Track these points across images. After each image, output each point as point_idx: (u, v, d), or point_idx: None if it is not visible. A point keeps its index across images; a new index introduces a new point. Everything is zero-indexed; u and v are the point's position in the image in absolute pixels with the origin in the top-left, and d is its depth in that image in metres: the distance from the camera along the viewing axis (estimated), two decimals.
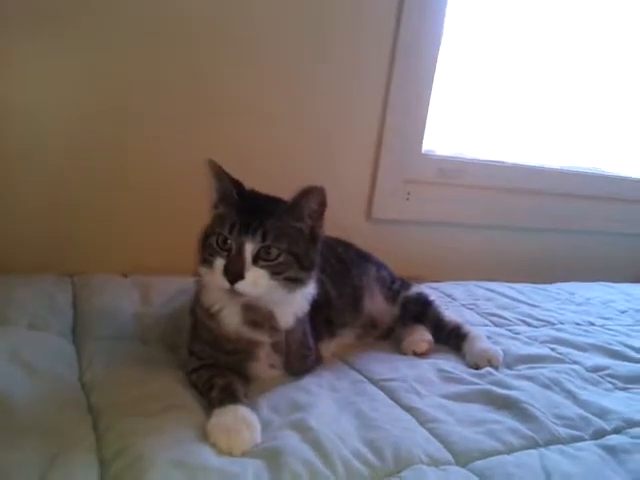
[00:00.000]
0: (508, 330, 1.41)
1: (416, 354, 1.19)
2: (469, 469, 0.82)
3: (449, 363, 1.16)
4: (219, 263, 0.90)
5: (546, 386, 1.09)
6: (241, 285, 0.88)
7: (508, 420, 0.95)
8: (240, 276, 0.88)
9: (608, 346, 1.35)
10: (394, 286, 1.32)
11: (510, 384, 1.08)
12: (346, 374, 1.08)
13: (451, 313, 1.35)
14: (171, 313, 1.22)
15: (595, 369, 1.21)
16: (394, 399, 0.99)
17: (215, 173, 0.96)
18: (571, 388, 1.10)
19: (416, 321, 1.28)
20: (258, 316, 0.96)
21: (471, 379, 1.09)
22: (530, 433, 0.92)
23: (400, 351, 1.21)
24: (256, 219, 0.90)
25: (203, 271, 0.94)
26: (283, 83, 1.60)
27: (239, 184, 0.97)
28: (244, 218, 0.91)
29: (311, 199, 0.94)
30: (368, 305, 1.24)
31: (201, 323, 1.01)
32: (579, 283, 1.94)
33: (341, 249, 1.28)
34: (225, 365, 0.97)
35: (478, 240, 2.03)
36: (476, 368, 1.15)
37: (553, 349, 1.30)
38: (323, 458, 0.77)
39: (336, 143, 1.71)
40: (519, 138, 2.12)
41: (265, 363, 1.01)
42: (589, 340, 1.38)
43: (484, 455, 0.85)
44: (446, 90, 1.88)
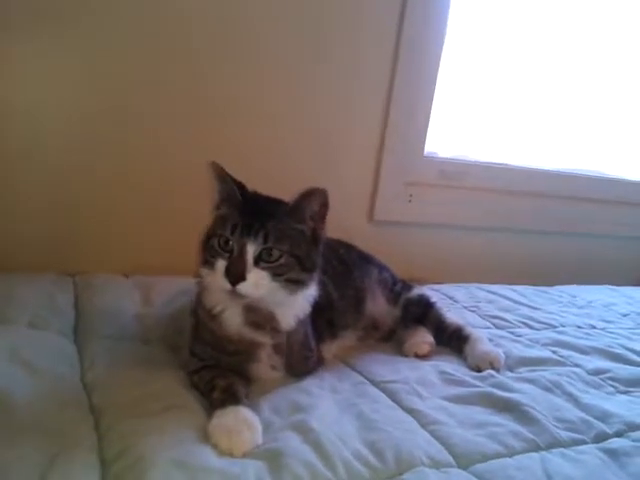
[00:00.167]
0: (510, 332, 1.41)
1: (418, 356, 1.19)
2: (470, 472, 0.82)
3: (451, 365, 1.16)
4: (221, 264, 0.90)
5: (547, 389, 1.09)
6: (242, 286, 0.88)
7: (509, 423, 0.95)
8: (242, 277, 0.88)
9: (609, 349, 1.34)
10: (396, 288, 1.32)
11: (511, 387, 1.07)
12: (347, 376, 1.08)
13: (453, 315, 1.35)
14: (172, 314, 1.22)
15: (596, 372, 1.21)
16: (395, 401, 0.99)
17: (218, 175, 0.96)
18: (572, 391, 1.09)
19: (418, 323, 1.27)
20: (259, 317, 0.96)
21: (473, 381, 1.09)
22: (531, 436, 0.91)
23: (402, 353, 1.21)
24: (258, 221, 0.90)
25: (204, 272, 0.94)
26: (284, 83, 1.59)
27: (242, 186, 0.97)
28: (246, 219, 0.91)
29: (313, 201, 0.94)
30: (370, 307, 1.24)
31: (203, 324, 1.00)
32: (581, 286, 1.94)
33: (343, 251, 1.28)
34: (226, 366, 0.97)
35: (480, 242, 2.03)
36: (478, 370, 1.15)
37: (554, 352, 1.30)
38: (324, 460, 0.77)
39: (338, 144, 1.71)
40: (521, 140, 2.12)
41: (266, 364, 1.00)
42: (590, 343, 1.37)
43: (485, 458, 0.85)
44: (448, 92, 1.88)
